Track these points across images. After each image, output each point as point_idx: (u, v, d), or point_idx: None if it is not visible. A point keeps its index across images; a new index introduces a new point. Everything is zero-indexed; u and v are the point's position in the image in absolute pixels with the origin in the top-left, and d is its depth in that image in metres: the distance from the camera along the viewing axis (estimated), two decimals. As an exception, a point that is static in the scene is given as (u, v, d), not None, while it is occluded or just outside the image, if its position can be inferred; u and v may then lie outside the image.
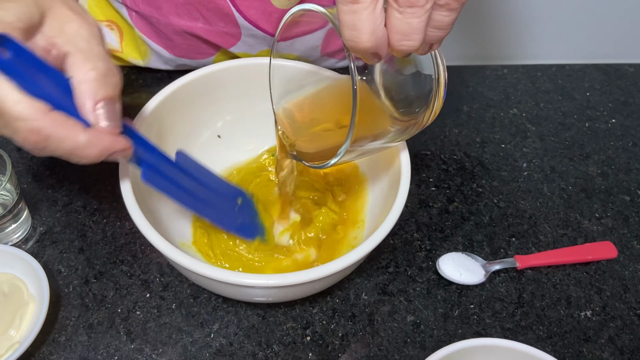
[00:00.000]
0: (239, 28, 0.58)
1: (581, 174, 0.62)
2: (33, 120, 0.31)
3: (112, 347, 0.46)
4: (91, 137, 0.33)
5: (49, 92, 0.32)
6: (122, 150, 0.35)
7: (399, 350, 0.47)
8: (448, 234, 0.55)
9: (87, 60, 0.33)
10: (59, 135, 0.32)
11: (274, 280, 0.38)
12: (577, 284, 0.53)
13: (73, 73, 0.33)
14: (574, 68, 0.75)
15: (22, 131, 0.31)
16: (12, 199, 0.49)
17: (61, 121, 0.32)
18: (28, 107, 0.31)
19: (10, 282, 0.47)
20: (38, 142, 0.32)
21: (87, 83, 0.33)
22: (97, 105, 0.33)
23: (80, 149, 0.33)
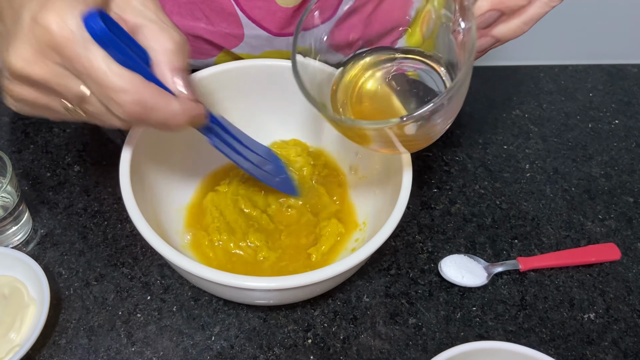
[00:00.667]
0: (242, 29, 0.58)
1: (584, 175, 0.62)
2: (135, 92, 0.32)
3: (112, 349, 0.46)
4: (181, 105, 0.35)
5: (135, 64, 0.33)
6: (202, 115, 0.38)
7: (401, 353, 0.47)
8: (450, 236, 0.55)
9: (163, 31, 0.34)
10: (158, 105, 0.33)
11: (275, 283, 0.38)
12: (580, 286, 0.53)
13: (151, 43, 0.34)
14: (576, 69, 0.74)
15: (124, 103, 0.32)
16: (12, 201, 0.49)
17: (157, 91, 0.33)
18: (128, 78, 0.32)
19: (11, 285, 0.47)
20: (140, 113, 0.33)
21: (166, 54, 0.34)
22: (177, 74, 0.35)
23: (173, 116, 0.34)
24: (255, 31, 0.58)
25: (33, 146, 0.59)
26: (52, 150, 0.59)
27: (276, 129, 0.56)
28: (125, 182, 0.42)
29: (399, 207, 0.42)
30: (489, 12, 0.43)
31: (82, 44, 0.31)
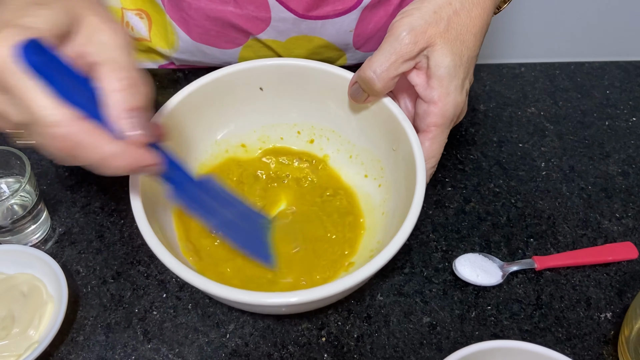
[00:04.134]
0: (269, 11, 0.58)
1: (601, 174, 0.61)
2: (64, 126, 0.31)
3: (129, 346, 0.46)
4: (120, 148, 0.33)
5: (78, 100, 0.32)
6: (150, 165, 0.35)
7: (415, 351, 0.47)
8: (465, 235, 0.55)
9: (118, 70, 0.33)
10: (89, 144, 0.32)
11: (294, 298, 0.37)
12: (597, 285, 0.52)
13: (103, 82, 0.33)
14: (593, 66, 0.73)
15: (52, 137, 0.31)
16: (31, 200, 0.50)
17: (91, 129, 0.32)
18: (59, 113, 0.31)
19: (30, 283, 0.48)
20: (67, 149, 0.32)
21: (117, 92, 0.33)
22: (126, 114, 0.33)
23: (108, 158, 0.33)
24: (282, 14, 0.58)
25: (51, 146, 0.60)
26: (69, 150, 0.60)
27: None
28: (136, 198, 0.42)
29: (412, 212, 0.42)
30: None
31: (15, 74, 0.30)
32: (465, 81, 0.45)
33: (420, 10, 0.44)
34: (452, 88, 0.44)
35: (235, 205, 0.47)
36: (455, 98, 0.44)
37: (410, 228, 0.42)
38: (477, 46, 0.46)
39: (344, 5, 0.59)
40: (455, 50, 0.44)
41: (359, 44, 0.66)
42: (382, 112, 0.49)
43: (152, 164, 0.35)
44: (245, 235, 0.47)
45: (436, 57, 0.43)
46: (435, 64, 0.44)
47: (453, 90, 0.44)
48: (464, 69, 0.45)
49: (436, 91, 0.44)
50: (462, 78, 0.45)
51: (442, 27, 0.44)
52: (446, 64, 0.43)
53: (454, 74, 0.44)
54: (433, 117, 0.44)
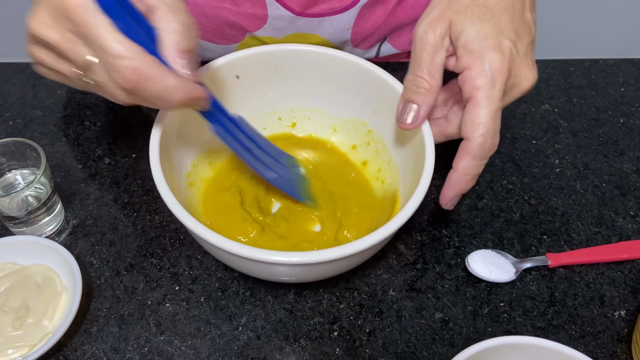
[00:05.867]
0: (265, 9, 0.58)
1: (615, 171, 0.61)
2: (132, 58, 0.34)
3: (142, 338, 0.47)
4: (179, 81, 0.36)
5: (141, 38, 0.35)
6: (202, 97, 0.39)
7: (427, 347, 0.47)
8: (477, 231, 0.54)
9: (173, 13, 0.36)
10: (154, 76, 0.35)
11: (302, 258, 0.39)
12: (611, 283, 0.52)
13: (160, 24, 0.36)
14: (607, 63, 0.73)
15: (122, 69, 0.34)
16: (46, 192, 0.50)
17: (155, 63, 0.35)
18: (129, 46, 0.34)
19: (44, 274, 0.48)
20: (134, 82, 0.34)
21: (172, 34, 0.36)
22: (180, 55, 0.36)
23: (169, 91, 0.36)
24: (279, 11, 0.58)
25: (65, 139, 0.60)
26: (83, 143, 0.60)
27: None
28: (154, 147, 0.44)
29: (424, 178, 0.43)
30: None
31: (88, 11, 0.33)
32: (504, 39, 0.42)
33: (428, 7, 0.45)
34: (480, 48, 0.41)
35: (264, 144, 0.50)
36: (489, 57, 0.41)
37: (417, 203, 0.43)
38: (504, 1, 0.43)
39: (341, 3, 0.59)
40: (472, 14, 0.42)
41: (357, 41, 0.65)
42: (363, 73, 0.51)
43: (204, 97, 0.39)
44: (276, 172, 0.50)
45: (455, 31, 0.42)
46: (456, 37, 0.42)
47: (483, 49, 0.41)
48: (493, 27, 0.42)
49: (464, 57, 0.42)
50: (494, 36, 0.41)
51: (449, 5, 0.43)
52: (465, 31, 0.42)
53: (479, 36, 0.41)
54: (470, 81, 0.42)
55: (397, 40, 0.68)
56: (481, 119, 0.41)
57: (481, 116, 0.41)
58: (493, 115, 0.41)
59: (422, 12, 0.64)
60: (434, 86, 0.44)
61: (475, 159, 0.42)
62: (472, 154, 0.42)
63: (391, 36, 0.67)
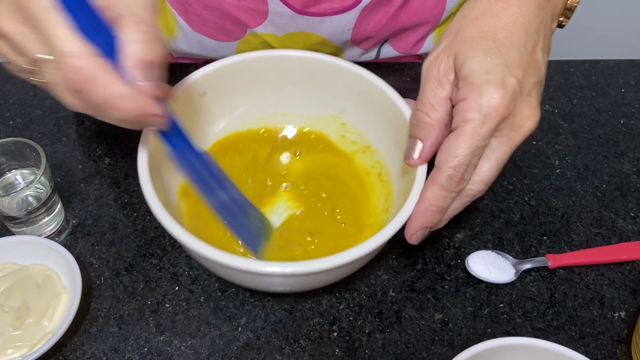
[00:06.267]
0: (266, 5, 0.58)
1: (616, 172, 0.61)
2: (78, 57, 0.32)
3: (142, 338, 0.47)
4: (129, 91, 0.34)
5: (98, 41, 0.34)
6: (156, 115, 0.36)
7: (427, 348, 0.47)
8: (477, 232, 0.54)
9: (138, 24, 0.35)
10: (100, 79, 0.33)
11: (292, 268, 0.38)
12: (610, 284, 0.52)
13: (124, 33, 0.35)
14: (608, 64, 0.73)
15: (67, 68, 0.33)
16: (46, 192, 0.50)
17: (104, 67, 0.33)
18: (77, 45, 0.33)
19: (44, 274, 0.48)
20: (78, 83, 0.33)
21: (134, 43, 0.34)
22: (141, 65, 0.34)
23: (116, 98, 0.34)
24: (280, 8, 0.58)
25: (65, 139, 0.60)
26: (83, 143, 0.60)
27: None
28: (143, 160, 0.44)
29: (413, 195, 0.42)
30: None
31: (44, 6, 0.32)
32: (509, 76, 0.40)
33: (438, 42, 0.44)
34: (481, 81, 0.39)
35: (229, 188, 0.48)
36: (489, 92, 0.39)
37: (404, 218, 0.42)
38: (515, 37, 0.41)
39: (342, 3, 0.59)
40: (478, 46, 0.41)
41: (357, 42, 0.65)
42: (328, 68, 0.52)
43: (158, 115, 0.36)
44: (234, 217, 0.47)
45: (459, 63, 0.41)
46: (459, 68, 0.41)
47: (483, 83, 0.39)
48: (498, 61, 0.40)
49: (463, 89, 0.40)
50: (498, 71, 0.40)
51: (455, 37, 0.42)
52: (468, 62, 0.40)
53: (481, 69, 0.40)
54: (462, 113, 0.40)
55: (399, 43, 0.68)
56: (458, 152, 0.40)
57: (459, 149, 0.40)
58: (471, 152, 0.40)
59: (425, 16, 0.64)
60: (435, 119, 0.42)
61: (441, 190, 0.41)
62: (439, 184, 0.41)
63: (392, 39, 0.67)
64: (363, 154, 0.55)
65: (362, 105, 0.53)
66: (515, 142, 0.42)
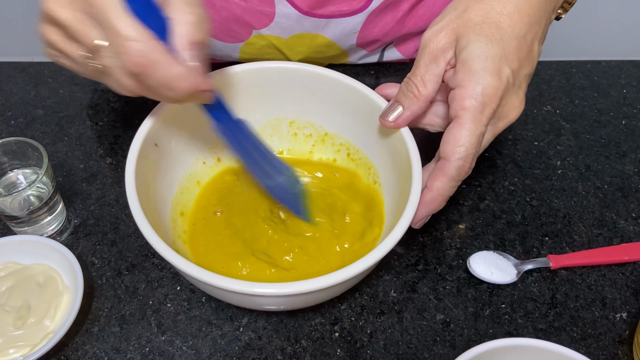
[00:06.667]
0: (273, 6, 0.58)
1: (617, 173, 0.60)
2: (141, 41, 0.34)
3: (143, 338, 0.47)
4: (186, 70, 0.36)
5: (152, 25, 0.35)
6: (208, 90, 0.38)
7: (428, 348, 0.47)
8: (479, 232, 0.54)
9: (187, 5, 0.36)
10: (161, 62, 0.34)
11: (286, 289, 0.38)
12: (612, 285, 0.52)
13: (173, 14, 0.36)
14: (610, 64, 0.73)
15: (130, 51, 0.34)
16: (48, 191, 0.50)
17: (163, 49, 0.35)
18: (139, 29, 0.34)
19: (46, 273, 0.48)
20: (140, 66, 0.34)
21: (185, 24, 0.36)
22: (191, 46, 0.36)
23: (175, 79, 0.35)
24: (286, 9, 0.58)
25: (67, 138, 0.60)
26: (85, 142, 0.60)
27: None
28: (130, 183, 0.43)
29: (410, 205, 0.42)
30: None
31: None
32: (505, 66, 0.41)
33: (441, 15, 0.44)
34: (479, 68, 0.40)
35: (264, 152, 0.49)
36: (485, 80, 0.40)
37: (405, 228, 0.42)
38: (518, 27, 0.41)
39: (350, 7, 0.58)
40: (482, 32, 0.41)
41: (363, 45, 0.65)
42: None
43: (209, 90, 0.39)
44: (271, 180, 0.49)
45: (460, 45, 0.42)
46: (459, 51, 0.42)
47: (481, 70, 0.40)
48: (498, 50, 0.41)
49: (461, 74, 0.41)
50: (496, 60, 0.40)
51: (460, 16, 0.42)
52: (470, 47, 0.41)
53: (481, 55, 0.40)
54: (459, 100, 0.41)
55: (404, 46, 0.68)
56: (463, 141, 0.41)
57: (463, 138, 0.40)
58: (475, 139, 0.41)
59: (431, 22, 0.64)
60: (422, 95, 0.44)
61: (451, 181, 0.42)
62: (449, 176, 0.42)
63: (398, 42, 0.67)
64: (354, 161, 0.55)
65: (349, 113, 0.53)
66: (499, 130, 0.43)
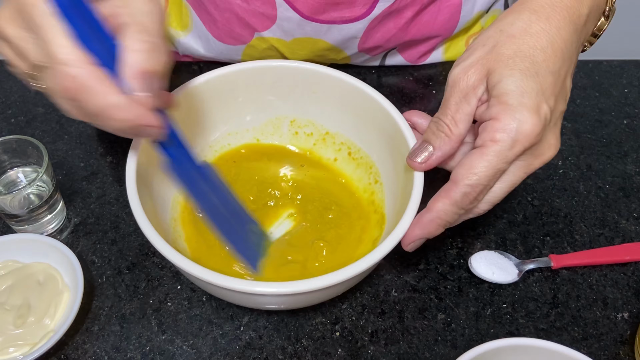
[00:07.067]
0: (275, 9, 0.58)
1: (619, 173, 0.60)
2: (73, 66, 0.32)
3: (144, 337, 0.46)
4: (125, 101, 0.33)
5: (97, 50, 0.33)
6: (152, 126, 0.35)
7: (430, 348, 0.47)
8: (480, 232, 0.54)
9: (141, 33, 0.34)
10: (95, 89, 0.32)
11: (286, 288, 0.38)
12: (614, 285, 0.51)
13: (126, 41, 0.34)
14: (611, 64, 0.73)
15: (62, 76, 0.32)
16: (48, 190, 0.50)
17: (99, 76, 0.33)
18: (73, 53, 0.32)
19: (46, 272, 0.48)
20: (73, 91, 0.32)
21: (136, 52, 0.33)
22: (140, 75, 0.33)
23: (112, 108, 0.33)
24: (288, 13, 0.58)
25: (67, 137, 0.60)
26: (85, 141, 0.60)
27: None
28: (131, 177, 0.42)
29: (410, 208, 0.42)
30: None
31: (43, 12, 0.32)
32: (543, 103, 0.38)
33: (468, 49, 0.42)
34: (516, 103, 0.38)
35: (230, 201, 0.46)
36: (523, 116, 0.37)
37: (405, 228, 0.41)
38: (552, 62, 0.39)
39: (352, 13, 0.58)
40: (515, 66, 0.39)
41: (365, 50, 0.65)
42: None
43: (155, 126, 0.35)
44: (233, 232, 0.45)
45: (493, 80, 0.39)
46: (492, 86, 0.39)
47: (518, 106, 0.38)
48: (534, 85, 0.38)
49: (495, 108, 0.39)
50: (533, 96, 0.38)
51: (490, 51, 0.40)
52: (503, 81, 0.39)
53: (517, 90, 0.38)
54: (490, 132, 0.38)
55: (408, 52, 0.68)
56: (478, 169, 0.38)
57: (480, 167, 0.38)
58: (492, 173, 0.39)
59: (436, 30, 0.63)
60: (454, 134, 0.41)
61: (453, 206, 0.40)
62: (452, 199, 0.39)
63: (401, 47, 0.67)
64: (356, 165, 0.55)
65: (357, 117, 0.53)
66: (532, 169, 0.41)
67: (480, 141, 0.39)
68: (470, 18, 0.64)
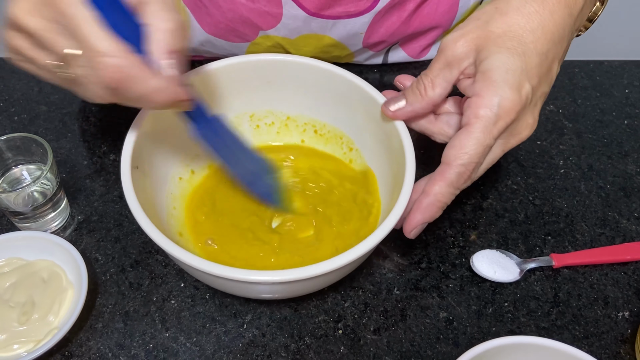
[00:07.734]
0: (280, 8, 0.58)
1: (620, 172, 0.61)
2: (116, 57, 0.33)
3: (147, 334, 0.47)
4: (163, 83, 0.35)
5: (126, 34, 0.34)
6: (186, 100, 0.38)
7: (432, 346, 0.47)
8: (482, 231, 0.55)
9: (166, 11, 0.35)
10: (138, 76, 0.34)
11: (278, 277, 0.38)
12: (614, 284, 0.52)
13: (151, 21, 0.35)
14: (612, 64, 0.73)
15: (104, 67, 0.33)
16: (52, 187, 0.50)
17: (139, 63, 0.34)
18: (114, 44, 0.33)
19: (50, 269, 0.48)
20: (116, 81, 0.33)
21: (162, 32, 0.35)
22: (168, 55, 0.35)
23: (152, 93, 0.35)
24: (294, 10, 0.58)
25: (70, 135, 0.60)
26: (88, 139, 0.60)
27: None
28: (127, 178, 0.43)
29: (403, 196, 0.42)
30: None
31: (74, 3, 0.32)
32: (525, 82, 0.40)
33: (463, 23, 0.44)
34: (499, 80, 0.39)
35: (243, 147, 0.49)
36: (504, 92, 0.39)
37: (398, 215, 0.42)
38: (541, 43, 0.41)
39: (356, 7, 0.59)
40: (503, 44, 0.40)
41: (369, 45, 0.65)
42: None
43: (188, 99, 0.38)
44: (251, 176, 0.50)
45: (481, 56, 0.41)
46: (480, 62, 0.41)
47: (501, 82, 0.39)
48: (520, 64, 0.40)
49: (479, 83, 0.40)
50: (517, 74, 0.39)
51: (482, 27, 0.41)
52: (490, 58, 0.40)
53: (502, 67, 0.39)
54: (474, 108, 0.40)
55: (410, 46, 0.68)
56: (468, 148, 0.40)
57: (469, 146, 0.40)
58: (482, 149, 0.40)
59: (437, 20, 0.64)
60: (428, 95, 0.43)
61: (449, 187, 0.41)
62: (448, 180, 0.41)
63: (403, 41, 0.67)
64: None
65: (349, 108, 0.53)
66: (509, 147, 0.43)
67: (466, 119, 0.41)
68: (467, 8, 0.64)
